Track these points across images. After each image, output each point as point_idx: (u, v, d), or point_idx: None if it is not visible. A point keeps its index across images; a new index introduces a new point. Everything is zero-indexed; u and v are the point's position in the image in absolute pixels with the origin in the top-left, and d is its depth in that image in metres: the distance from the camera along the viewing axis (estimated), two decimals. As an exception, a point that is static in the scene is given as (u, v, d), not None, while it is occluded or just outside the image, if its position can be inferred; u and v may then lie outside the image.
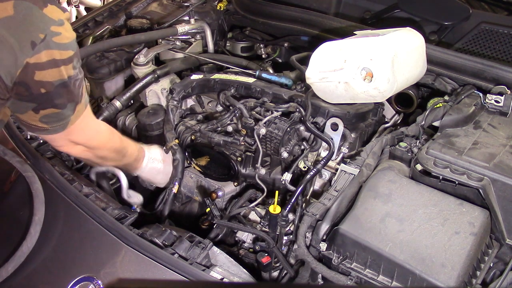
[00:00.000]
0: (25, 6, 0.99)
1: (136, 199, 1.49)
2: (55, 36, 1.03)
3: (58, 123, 1.17)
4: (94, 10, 2.23)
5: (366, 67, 1.36)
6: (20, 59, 1.00)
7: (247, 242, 1.42)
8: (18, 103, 1.10)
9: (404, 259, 1.08)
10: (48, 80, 1.06)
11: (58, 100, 1.12)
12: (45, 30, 1.01)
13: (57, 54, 1.05)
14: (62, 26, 1.05)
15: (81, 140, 1.31)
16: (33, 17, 1.00)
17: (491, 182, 1.20)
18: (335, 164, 1.45)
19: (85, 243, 1.25)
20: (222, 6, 2.29)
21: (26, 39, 0.99)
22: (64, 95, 1.12)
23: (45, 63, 1.03)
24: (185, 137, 1.61)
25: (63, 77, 1.08)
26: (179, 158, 1.57)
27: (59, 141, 1.29)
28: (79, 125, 1.23)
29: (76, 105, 1.17)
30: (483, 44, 1.92)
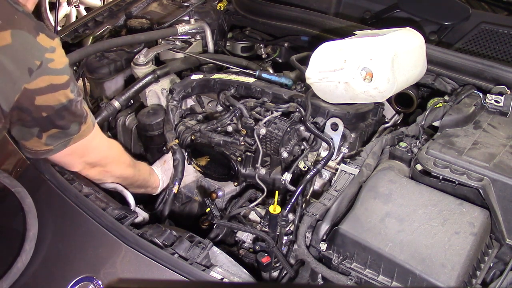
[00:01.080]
0: (22, 35, 1.04)
1: (142, 217, 1.47)
2: (50, 63, 1.08)
3: (61, 141, 1.21)
4: (94, 10, 2.23)
5: (366, 67, 1.36)
6: (18, 85, 1.04)
7: (247, 242, 1.42)
8: (23, 129, 1.15)
9: (404, 259, 1.08)
10: (48, 104, 1.11)
11: (60, 122, 1.16)
12: (41, 57, 1.06)
13: (54, 79, 1.10)
14: (54, 52, 1.09)
15: (96, 159, 1.35)
16: (29, 45, 1.05)
17: (491, 182, 1.20)
18: (335, 164, 1.45)
19: (85, 243, 1.25)
20: (222, 6, 2.29)
21: (23, 66, 1.04)
22: (66, 117, 1.16)
23: (43, 88, 1.08)
24: (185, 137, 1.61)
25: (62, 101, 1.13)
26: (179, 158, 1.57)
27: (76, 165, 1.34)
28: (90, 144, 1.29)
29: (80, 125, 1.22)
30: (483, 44, 1.92)
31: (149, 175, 1.59)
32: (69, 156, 1.28)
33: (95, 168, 1.37)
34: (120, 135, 1.87)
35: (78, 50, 1.81)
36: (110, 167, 1.41)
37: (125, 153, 1.48)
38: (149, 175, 1.59)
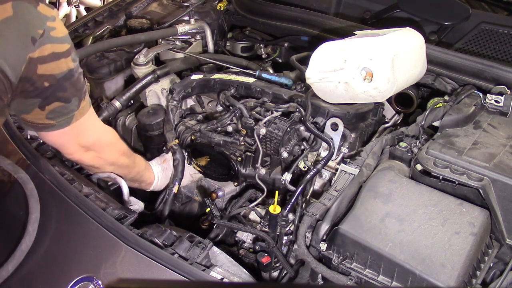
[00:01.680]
0: (23, 5, 1.05)
1: (137, 206, 1.48)
2: (52, 31, 1.09)
3: (63, 117, 1.20)
4: (94, 10, 2.23)
5: (366, 67, 1.36)
6: (23, 55, 1.05)
7: (247, 242, 1.42)
8: (24, 101, 1.14)
9: (404, 259, 1.08)
10: (50, 73, 1.11)
11: (61, 93, 1.16)
12: (43, 26, 1.07)
13: (56, 48, 1.10)
14: (55, 21, 1.10)
15: (90, 141, 1.33)
16: (31, 15, 1.06)
17: (491, 182, 1.20)
18: (335, 164, 1.45)
19: (85, 243, 1.25)
20: (222, 6, 2.29)
21: (27, 36, 1.05)
22: (67, 88, 1.16)
23: (46, 57, 1.09)
24: (185, 137, 1.61)
25: (64, 70, 1.13)
26: (179, 158, 1.57)
27: (70, 147, 1.32)
28: (85, 124, 1.27)
29: (80, 101, 1.21)
30: (483, 44, 1.92)
31: (145, 169, 1.58)
32: (65, 136, 1.26)
33: (89, 152, 1.35)
34: (120, 135, 1.87)
35: (78, 50, 1.80)
36: (104, 153, 1.39)
37: (121, 141, 1.47)
38: (144, 169, 1.58)
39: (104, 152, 1.40)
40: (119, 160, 1.45)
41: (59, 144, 1.33)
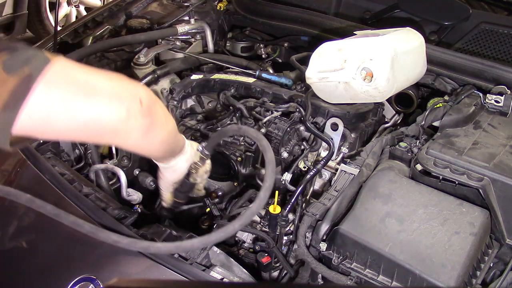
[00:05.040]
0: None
1: (136, 197, 1.48)
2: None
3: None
4: (94, 10, 2.23)
5: (366, 67, 1.36)
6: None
7: (247, 242, 1.42)
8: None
9: (404, 259, 1.08)
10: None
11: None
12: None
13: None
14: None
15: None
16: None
17: (491, 182, 1.20)
18: (335, 164, 1.45)
19: (85, 243, 1.25)
20: (222, 6, 2.29)
21: None
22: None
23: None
24: (185, 137, 1.61)
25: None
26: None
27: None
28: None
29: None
30: (483, 44, 1.92)
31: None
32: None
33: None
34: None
35: (78, 50, 1.81)
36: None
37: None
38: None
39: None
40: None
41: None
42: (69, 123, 0.86)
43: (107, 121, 0.88)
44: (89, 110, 0.85)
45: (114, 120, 0.89)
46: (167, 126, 1.05)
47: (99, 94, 0.87)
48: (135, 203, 1.50)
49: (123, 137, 0.95)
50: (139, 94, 0.92)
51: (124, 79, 0.94)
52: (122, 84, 0.92)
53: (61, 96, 0.83)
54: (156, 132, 1.01)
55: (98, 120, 0.87)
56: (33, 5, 4.09)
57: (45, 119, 0.83)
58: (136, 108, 0.91)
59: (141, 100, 0.92)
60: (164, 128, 1.04)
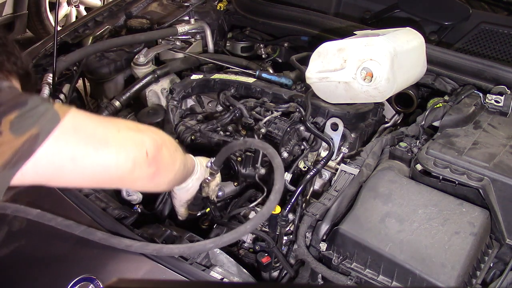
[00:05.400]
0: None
1: (136, 197, 1.48)
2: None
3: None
4: (94, 10, 2.23)
5: (366, 67, 1.36)
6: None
7: (247, 242, 1.42)
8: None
9: (404, 259, 1.08)
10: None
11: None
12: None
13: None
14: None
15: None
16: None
17: (491, 182, 1.20)
18: (335, 164, 1.45)
19: (85, 243, 1.25)
20: (222, 6, 2.29)
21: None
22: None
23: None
24: (185, 137, 1.61)
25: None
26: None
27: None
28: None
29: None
30: (483, 44, 1.92)
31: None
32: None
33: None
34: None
35: (78, 50, 1.81)
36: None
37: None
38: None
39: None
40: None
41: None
42: (76, 176, 0.89)
43: (113, 172, 0.92)
44: (97, 164, 0.88)
45: (121, 171, 0.92)
46: (173, 167, 1.08)
47: (107, 147, 0.89)
48: (135, 203, 1.50)
49: (129, 184, 1.01)
50: (146, 144, 0.96)
51: (132, 129, 0.97)
52: (129, 135, 0.95)
53: (70, 153, 0.85)
54: (163, 176, 1.04)
55: (105, 172, 0.91)
56: (33, 5, 4.09)
57: (53, 174, 0.86)
58: (142, 159, 0.94)
59: (147, 151, 0.95)
60: (170, 170, 1.07)
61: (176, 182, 1.19)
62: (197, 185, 1.33)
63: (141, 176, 0.97)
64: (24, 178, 0.83)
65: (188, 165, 1.24)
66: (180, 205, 1.38)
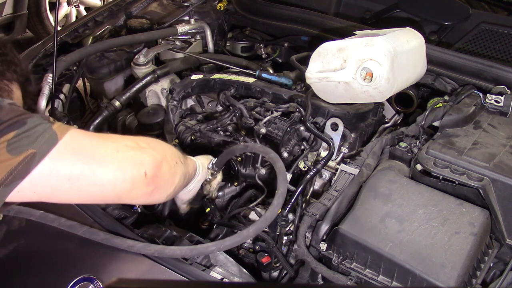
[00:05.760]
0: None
1: None
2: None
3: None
4: (94, 10, 2.23)
5: (366, 67, 1.36)
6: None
7: (247, 242, 1.42)
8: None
9: (404, 259, 1.08)
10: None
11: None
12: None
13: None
14: None
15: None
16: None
17: (491, 182, 1.20)
18: (335, 164, 1.45)
19: (85, 243, 1.25)
20: (222, 6, 2.29)
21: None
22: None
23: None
24: (185, 137, 1.61)
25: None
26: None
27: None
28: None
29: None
30: (483, 44, 1.92)
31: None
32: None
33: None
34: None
35: (78, 50, 1.81)
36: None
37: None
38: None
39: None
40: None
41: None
42: (74, 195, 0.90)
43: (111, 192, 0.93)
44: (94, 184, 0.89)
45: (118, 191, 0.93)
46: (173, 182, 1.09)
47: (105, 168, 0.90)
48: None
49: (127, 201, 1.03)
50: (144, 165, 0.96)
51: (132, 147, 0.97)
52: (128, 155, 0.95)
53: (67, 174, 0.86)
54: (162, 192, 1.05)
55: (102, 192, 0.92)
56: (33, 5, 4.09)
57: (50, 193, 0.87)
58: (140, 179, 0.95)
59: (145, 171, 0.95)
60: (170, 185, 1.08)
61: (176, 193, 1.20)
62: (198, 186, 1.36)
63: (139, 195, 0.98)
64: (21, 196, 0.84)
65: (190, 171, 1.25)
66: (182, 203, 1.41)
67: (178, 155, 1.15)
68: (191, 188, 1.33)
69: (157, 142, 1.09)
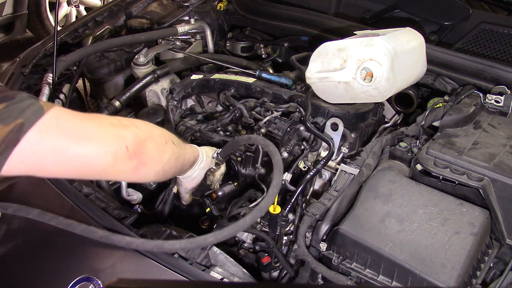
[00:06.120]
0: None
1: (136, 197, 1.49)
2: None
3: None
4: (94, 10, 2.23)
5: (366, 67, 1.36)
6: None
7: (247, 242, 1.42)
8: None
9: (404, 259, 1.08)
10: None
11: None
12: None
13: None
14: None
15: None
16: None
17: (491, 182, 1.20)
18: (335, 164, 1.45)
19: (85, 243, 1.25)
20: (222, 6, 2.30)
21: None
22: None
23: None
24: (185, 137, 1.61)
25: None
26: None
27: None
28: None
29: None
30: (483, 44, 1.92)
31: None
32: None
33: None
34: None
35: (78, 50, 1.81)
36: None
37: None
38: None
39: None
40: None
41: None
42: (59, 167, 0.94)
43: (95, 165, 0.97)
44: (78, 157, 0.93)
45: (102, 164, 0.97)
46: (160, 159, 1.11)
47: (88, 142, 0.94)
48: (135, 203, 1.50)
49: (113, 176, 1.06)
50: (126, 139, 1.00)
51: (114, 124, 1.01)
52: (111, 130, 0.99)
53: (52, 145, 0.90)
54: (148, 168, 1.07)
55: (86, 164, 0.96)
56: (33, 5, 4.09)
57: (37, 163, 0.91)
58: (122, 153, 0.98)
59: (127, 145, 0.99)
60: (157, 162, 1.10)
61: (168, 173, 1.21)
62: (202, 174, 1.40)
63: (123, 169, 1.00)
64: (11, 167, 0.88)
65: (187, 156, 1.27)
66: (185, 192, 1.46)
67: (170, 137, 1.18)
68: (195, 175, 1.37)
69: (144, 122, 1.13)
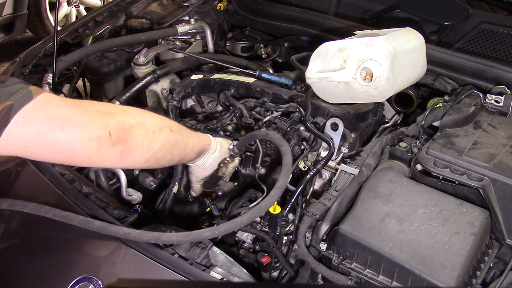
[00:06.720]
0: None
1: (136, 197, 1.49)
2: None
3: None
4: (94, 10, 2.23)
5: (366, 67, 1.36)
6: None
7: (247, 242, 1.42)
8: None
9: (404, 259, 1.08)
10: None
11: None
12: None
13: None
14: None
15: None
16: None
17: (491, 182, 1.20)
18: (335, 164, 1.45)
19: (85, 243, 1.25)
20: (222, 6, 2.30)
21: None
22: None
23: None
24: (185, 137, 1.61)
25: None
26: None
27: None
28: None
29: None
30: (483, 44, 1.92)
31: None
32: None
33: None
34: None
35: (78, 50, 1.81)
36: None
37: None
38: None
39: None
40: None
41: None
42: (45, 150, 0.97)
43: (79, 150, 0.99)
44: (63, 141, 0.96)
45: (87, 150, 1.00)
46: (150, 146, 1.12)
47: (72, 127, 0.97)
48: (135, 203, 1.50)
49: (99, 162, 1.06)
50: (109, 125, 1.02)
51: (100, 111, 1.04)
52: (95, 116, 1.02)
53: (38, 129, 0.94)
54: (135, 155, 1.09)
55: (71, 149, 0.98)
56: (33, 5, 4.09)
57: (24, 146, 0.95)
58: (105, 139, 1.01)
59: (110, 131, 1.01)
60: (146, 149, 1.11)
61: (162, 160, 1.21)
62: (215, 164, 1.41)
63: (108, 155, 1.03)
64: (3, 150, 0.92)
65: (190, 143, 1.28)
66: (196, 181, 1.47)
67: (168, 124, 1.19)
68: (207, 165, 1.39)
69: (138, 110, 1.14)
